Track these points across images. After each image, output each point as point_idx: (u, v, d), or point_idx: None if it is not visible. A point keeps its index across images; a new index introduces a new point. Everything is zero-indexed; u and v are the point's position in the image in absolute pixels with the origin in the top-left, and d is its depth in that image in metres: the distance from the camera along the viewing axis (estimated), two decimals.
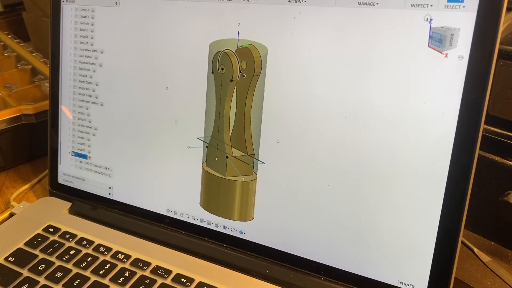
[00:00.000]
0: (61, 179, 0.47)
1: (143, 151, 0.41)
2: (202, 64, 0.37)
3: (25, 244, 0.40)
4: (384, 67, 0.30)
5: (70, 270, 0.36)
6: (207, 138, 0.38)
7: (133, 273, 0.36)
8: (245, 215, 0.37)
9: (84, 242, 0.39)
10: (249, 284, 0.35)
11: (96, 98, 0.43)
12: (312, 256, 0.35)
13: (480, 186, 0.39)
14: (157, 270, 0.36)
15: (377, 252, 0.32)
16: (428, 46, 0.29)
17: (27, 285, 0.35)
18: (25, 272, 0.36)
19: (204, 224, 0.39)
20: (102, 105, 0.43)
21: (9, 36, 0.75)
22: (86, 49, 0.43)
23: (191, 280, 0.35)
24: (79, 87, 0.44)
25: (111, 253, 0.38)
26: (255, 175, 0.36)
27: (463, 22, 0.28)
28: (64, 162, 0.46)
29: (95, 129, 0.44)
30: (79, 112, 0.44)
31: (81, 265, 0.37)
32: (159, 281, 0.35)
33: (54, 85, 0.45)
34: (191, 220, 0.40)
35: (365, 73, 0.31)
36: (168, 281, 0.35)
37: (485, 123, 0.28)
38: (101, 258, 0.38)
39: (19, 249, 0.39)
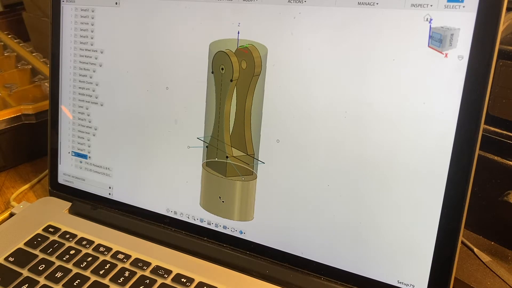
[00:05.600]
0: (61, 179, 0.47)
1: (143, 151, 0.41)
2: (202, 64, 0.37)
3: (25, 244, 0.40)
4: (384, 67, 0.30)
5: (70, 270, 0.36)
6: (207, 138, 0.38)
7: (133, 273, 0.36)
8: (245, 215, 0.37)
9: (84, 242, 0.39)
10: (249, 284, 0.35)
11: (96, 98, 0.43)
12: (312, 256, 0.35)
13: (480, 186, 0.39)
14: (157, 270, 0.36)
15: (377, 252, 0.32)
16: (428, 46, 0.29)
17: (27, 285, 0.35)
18: (25, 272, 0.36)
19: (204, 224, 0.39)
20: (102, 105, 0.43)
21: (9, 36, 0.75)
22: (86, 49, 0.43)
23: (191, 280, 0.35)
24: (79, 87, 0.44)
25: (111, 253, 0.38)
26: (255, 175, 0.36)
27: (463, 22, 0.28)
28: (64, 162, 0.46)
29: (95, 129, 0.44)
30: (79, 112, 0.44)
31: (81, 265, 0.37)
32: (159, 281, 0.35)
33: (54, 85, 0.45)
34: (191, 220, 0.40)
35: (365, 73, 0.31)
36: (168, 281, 0.35)
37: (485, 123, 0.28)
38: (101, 258, 0.38)
39: (19, 249, 0.39)
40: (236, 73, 0.36)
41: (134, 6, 0.40)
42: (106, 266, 0.37)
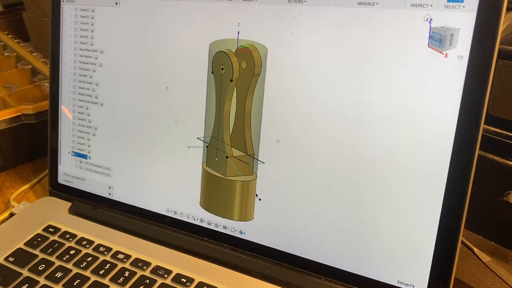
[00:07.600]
0: (61, 179, 0.47)
1: (143, 151, 0.41)
2: (202, 64, 0.37)
3: (25, 244, 0.40)
4: (384, 67, 0.30)
5: (70, 270, 0.36)
6: (207, 138, 0.38)
7: (133, 273, 0.36)
8: (245, 215, 0.37)
9: (84, 242, 0.39)
10: (249, 284, 0.35)
11: (96, 98, 0.43)
12: (312, 256, 0.35)
13: (480, 186, 0.39)
14: (157, 270, 0.36)
15: (377, 252, 0.32)
16: (428, 46, 0.29)
17: (27, 285, 0.35)
18: (25, 272, 0.36)
19: (204, 224, 0.39)
20: (102, 105, 0.43)
21: (9, 36, 0.75)
22: (86, 49, 0.43)
23: (191, 280, 0.35)
24: (79, 87, 0.44)
25: (111, 253, 0.38)
26: (255, 175, 0.36)
27: (463, 22, 0.28)
28: (64, 162, 0.46)
29: (95, 129, 0.44)
30: (79, 112, 0.44)
31: (81, 265, 0.37)
32: (159, 281, 0.35)
33: (54, 85, 0.45)
34: (191, 220, 0.40)
35: (365, 73, 0.31)
36: (168, 281, 0.35)
37: (485, 123, 0.28)
38: (101, 258, 0.38)
39: (19, 249, 0.39)
40: (236, 73, 0.36)
41: (134, 6, 0.40)
42: (106, 266, 0.37)
